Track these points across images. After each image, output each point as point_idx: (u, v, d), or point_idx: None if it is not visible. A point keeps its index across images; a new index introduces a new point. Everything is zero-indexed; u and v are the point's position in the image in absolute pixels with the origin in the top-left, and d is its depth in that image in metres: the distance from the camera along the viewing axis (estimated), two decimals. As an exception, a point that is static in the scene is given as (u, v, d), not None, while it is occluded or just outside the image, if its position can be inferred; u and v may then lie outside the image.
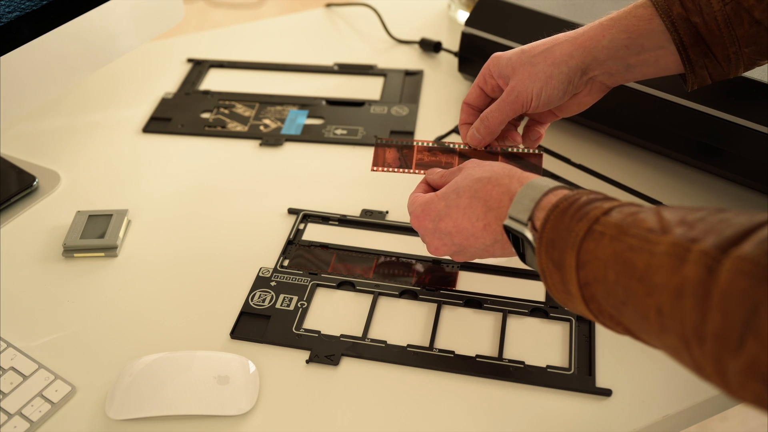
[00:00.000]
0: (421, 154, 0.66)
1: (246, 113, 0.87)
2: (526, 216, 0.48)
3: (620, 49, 0.57)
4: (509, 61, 0.61)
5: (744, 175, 0.70)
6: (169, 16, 0.83)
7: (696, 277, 0.35)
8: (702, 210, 0.39)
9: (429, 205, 0.57)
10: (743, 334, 0.33)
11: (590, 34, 0.58)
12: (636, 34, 0.56)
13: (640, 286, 0.39)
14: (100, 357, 0.59)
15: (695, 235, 0.37)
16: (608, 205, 0.44)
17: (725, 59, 0.55)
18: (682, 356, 0.38)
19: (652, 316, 0.39)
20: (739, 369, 0.33)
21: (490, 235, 0.53)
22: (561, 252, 0.44)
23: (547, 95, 0.60)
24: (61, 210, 0.73)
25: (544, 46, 0.60)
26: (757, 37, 0.54)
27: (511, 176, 0.53)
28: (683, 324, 0.36)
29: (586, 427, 0.53)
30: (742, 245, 0.35)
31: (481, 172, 0.55)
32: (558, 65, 0.59)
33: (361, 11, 1.06)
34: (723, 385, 0.36)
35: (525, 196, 0.49)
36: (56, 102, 0.89)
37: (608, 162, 0.77)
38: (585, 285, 0.43)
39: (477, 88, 0.65)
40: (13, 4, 0.66)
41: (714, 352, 0.35)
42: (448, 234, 0.56)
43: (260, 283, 0.64)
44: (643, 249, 0.39)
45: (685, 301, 0.36)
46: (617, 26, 0.57)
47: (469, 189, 0.55)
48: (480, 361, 0.58)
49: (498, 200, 0.52)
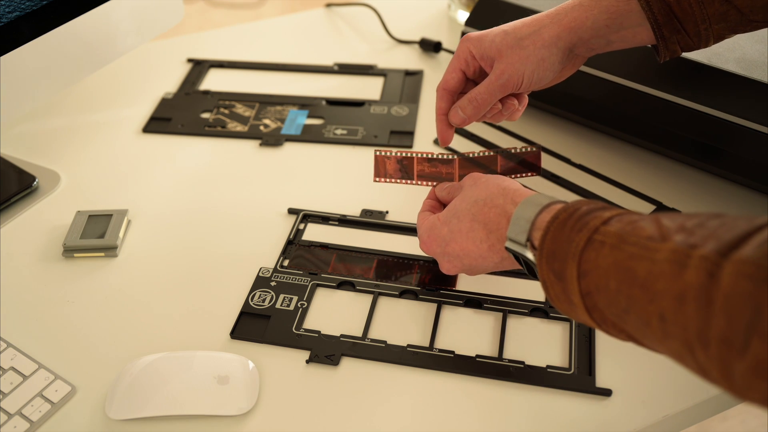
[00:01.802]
0: (422, 165, 0.66)
1: (246, 113, 0.87)
2: (524, 237, 0.49)
3: (602, 29, 0.59)
4: (492, 43, 0.61)
5: (744, 175, 0.70)
6: (169, 16, 0.83)
7: (697, 282, 0.36)
8: (700, 216, 0.39)
9: (433, 230, 0.59)
10: (748, 335, 0.33)
11: (574, 15, 0.60)
12: (616, 15, 0.59)
13: (641, 294, 0.39)
14: (100, 357, 0.59)
15: (695, 241, 0.37)
16: (607, 214, 0.44)
17: (696, 35, 0.58)
18: (686, 361, 0.38)
19: (654, 322, 0.39)
20: (745, 370, 0.34)
21: (497, 255, 0.54)
22: (562, 263, 0.45)
23: (538, 76, 0.61)
24: (61, 210, 0.73)
25: (530, 29, 0.61)
26: (727, 14, 0.56)
27: (505, 195, 0.54)
28: (686, 329, 0.36)
29: (586, 427, 0.53)
30: (742, 248, 0.35)
31: (476, 193, 0.56)
32: (548, 47, 0.60)
33: (361, 11, 1.06)
34: (729, 387, 0.36)
35: (520, 217, 0.50)
36: (56, 102, 0.89)
37: (608, 162, 0.77)
38: (587, 294, 0.44)
39: (458, 71, 0.64)
40: (13, 4, 0.66)
41: (719, 355, 0.35)
42: (457, 257, 0.57)
43: (260, 283, 0.64)
44: (644, 257, 0.39)
45: (688, 306, 0.36)
46: (598, 7, 0.59)
47: (468, 213, 0.56)
48: (480, 361, 0.58)
49: (496, 223, 0.53)
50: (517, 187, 0.55)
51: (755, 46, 0.69)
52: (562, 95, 0.77)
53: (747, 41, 0.69)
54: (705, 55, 0.69)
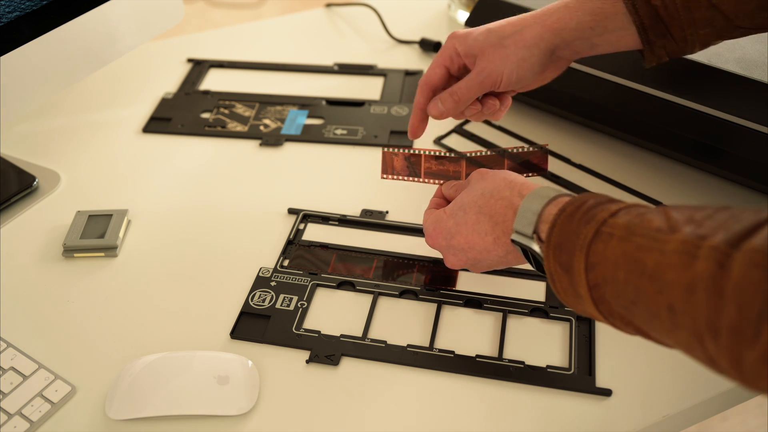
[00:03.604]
0: (429, 162, 0.66)
1: (246, 113, 0.87)
2: (530, 229, 0.49)
3: (586, 30, 0.59)
4: (476, 41, 0.61)
5: (744, 175, 0.70)
6: (169, 16, 0.83)
7: (707, 272, 0.36)
8: (708, 208, 0.40)
9: (439, 223, 0.58)
10: (759, 324, 0.33)
11: (558, 16, 0.60)
12: (601, 17, 0.58)
13: (650, 285, 0.39)
14: (100, 357, 0.59)
15: (704, 232, 0.37)
16: (615, 207, 0.44)
17: (682, 40, 0.58)
18: (695, 351, 0.38)
19: (663, 313, 0.39)
20: (756, 359, 0.34)
21: (501, 248, 0.54)
22: (569, 255, 0.45)
23: (518, 76, 0.61)
24: (61, 210, 0.73)
25: (513, 28, 0.61)
26: (713, 20, 0.56)
27: (512, 188, 0.54)
28: (696, 319, 0.37)
29: (586, 427, 0.53)
30: (752, 239, 0.35)
31: (483, 186, 0.56)
32: (529, 48, 0.60)
33: (361, 11, 1.06)
34: (738, 377, 0.36)
35: (527, 209, 0.50)
36: (56, 102, 0.89)
37: (608, 162, 0.77)
38: (594, 286, 0.44)
39: (442, 67, 0.64)
40: (13, 4, 0.66)
41: (730, 344, 0.35)
42: (462, 250, 0.57)
43: (260, 283, 0.64)
44: (653, 248, 0.40)
45: (698, 296, 0.36)
46: (583, 9, 0.59)
47: (474, 205, 0.56)
48: (480, 361, 0.58)
49: (503, 215, 0.53)
50: (524, 181, 0.54)
51: (755, 46, 0.69)
52: (562, 95, 0.77)
53: (747, 41, 0.69)
54: (705, 55, 0.68)
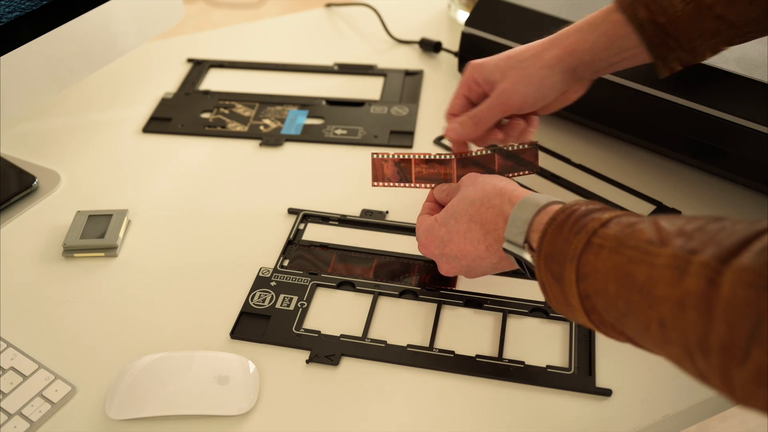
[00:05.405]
0: (419, 166, 0.66)
1: (246, 113, 0.87)
2: (521, 239, 0.49)
3: (602, 51, 0.61)
4: (496, 67, 0.63)
5: (744, 175, 0.70)
6: (169, 16, 0.83)
7: (698, 289, 0.35)
8: (699, 219, 0.39)
9: (431, 231, 0.59)
10: (749, 344, 0.33)
11: (574, 39, 0.61)
12: (614, 38, 0.60)
13: (641, 299, 0.39)
14: (100, 357, 0.59)
15: (694, 246, 0.37)
16: (606, 216, 0.44)
17: (692, 51, 0.59)
18: (686, 366, 0.38)
19: (654, 327, 0.39)
20: (746, 379, 0.33)
21: (494, 255, 0.55)
22: (560, 265, 0.45)
23: (540, 95, 0.62)
24: (61, 210, 0.73)
25: (531, 51, 0.62)
26: (719, 29, 0.57)
27: (502, 195, 0.54)
28: (686, 336, 0.36)
29: (586, 427, 0.53)
30: (742, 255, 0.34)
31: (474, 192, 0.56)
32: (550, 67, 0.61)
33: (361, 11, 1.06)
34: (730, 395, 0.35)
35: (517, 218, 0.50)
36: (56, 102, 0.89)
37: (608, 162, 0.77)
38: (585, 297, 0.43)
39: (462, 97, 0.66)
40: (13, 4, 0.66)
41: (720, 363, 0.35)
42: (455, 258, 0.57)
43: (260, 283, 0.64)
44: (643, 261, 0.39)
45: (688, 313, 0.36)
46: (597, 31, 0.60)
47: (465, 213, 0.56)
48: (480, 361, 0.58)
49: (494, 223, 0.53)
50: (514, 187, 0.54)
51: (755, 46, 0.69)
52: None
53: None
54: (705, 55, 0.69)
